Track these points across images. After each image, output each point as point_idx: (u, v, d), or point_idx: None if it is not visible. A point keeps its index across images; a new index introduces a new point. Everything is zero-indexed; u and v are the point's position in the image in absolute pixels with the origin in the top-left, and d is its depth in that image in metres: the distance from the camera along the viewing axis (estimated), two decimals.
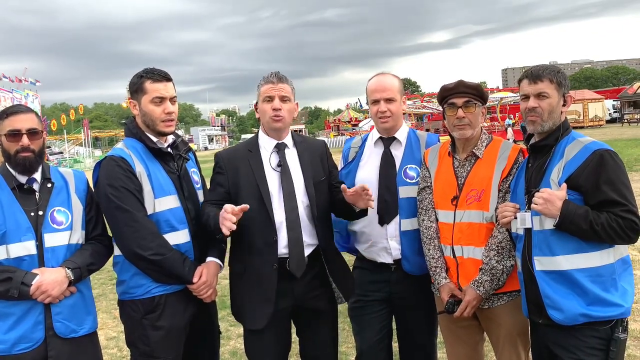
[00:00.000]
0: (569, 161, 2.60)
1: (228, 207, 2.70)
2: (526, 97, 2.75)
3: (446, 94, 3.12)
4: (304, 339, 3.25)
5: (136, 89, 3.00)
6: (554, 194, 2.54)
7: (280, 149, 3.13)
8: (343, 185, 3.02)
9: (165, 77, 3.00)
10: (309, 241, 3.08)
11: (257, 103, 3.17)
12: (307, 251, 3.06)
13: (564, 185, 2.56)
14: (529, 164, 2.85)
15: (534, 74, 2.72)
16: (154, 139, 3.01)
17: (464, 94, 3.06)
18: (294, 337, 3.28)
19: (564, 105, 2.74)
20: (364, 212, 3.12)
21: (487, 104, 3.24)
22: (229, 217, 2.66)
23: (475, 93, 3.06)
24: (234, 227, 2.66)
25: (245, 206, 2.74)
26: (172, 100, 3.02)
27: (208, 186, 3.35)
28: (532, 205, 2.59)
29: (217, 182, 3.10)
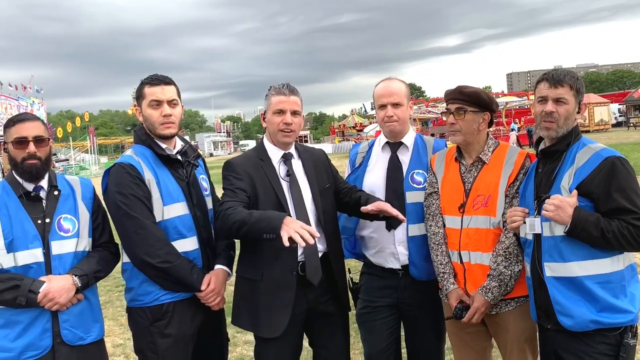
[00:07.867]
0: (580, 168, 2.59)
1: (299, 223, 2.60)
2: (543, 100, 2.72)
3: (446, 99, 3.14)
4: (318, 347, 3.23)
5: (138, 95, 3.05)
6: (565, 201, 2.52)
7: (287, 159, 3.14)
8: (363, 207, 3.05)
9: (163, 81, 3.00)
10: (319, 247, 3.07)
11: (265, 112, 3.16)
12: None
13: (575, 192, 2.55)
14: (538, 169, 2.83)
15: (555, 78, 2.68)
16: (163, 145, 3.01)
17: (457, 100, 3.06)
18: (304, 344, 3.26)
19: (578, 112, 2.72)
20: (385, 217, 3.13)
21: None
22: (305, 231, 2.53)
23: (469, 100, 3.03)
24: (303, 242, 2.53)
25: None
26: (171, 103, 3.00)
27: (217, 193, 3.34)
28: (543, 212, 2.58)
29: (238, 187, 3.00)
